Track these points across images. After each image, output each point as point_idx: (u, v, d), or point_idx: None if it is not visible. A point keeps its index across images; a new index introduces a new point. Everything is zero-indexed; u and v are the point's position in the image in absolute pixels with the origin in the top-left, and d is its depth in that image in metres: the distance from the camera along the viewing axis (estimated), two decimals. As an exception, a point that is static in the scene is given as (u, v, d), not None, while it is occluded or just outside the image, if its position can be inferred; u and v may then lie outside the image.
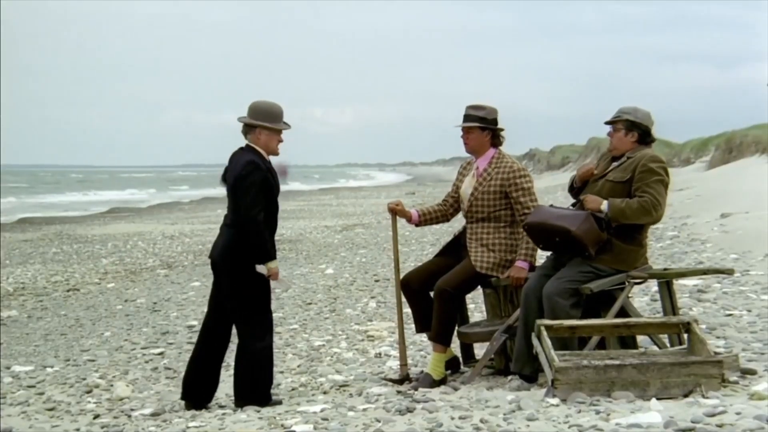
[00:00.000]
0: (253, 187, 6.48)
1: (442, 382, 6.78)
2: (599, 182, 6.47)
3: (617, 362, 5.52)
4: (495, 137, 6.98)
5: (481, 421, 5.12)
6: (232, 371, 7.32)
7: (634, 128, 6.40)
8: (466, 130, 6.98)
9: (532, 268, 6.76)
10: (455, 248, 7.07)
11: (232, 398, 6.88)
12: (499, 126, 7.00)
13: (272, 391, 6.95)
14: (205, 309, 6.88)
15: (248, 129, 6.68)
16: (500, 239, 6.84)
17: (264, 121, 6.63)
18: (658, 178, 6.27)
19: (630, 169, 6.32)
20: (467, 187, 7.02)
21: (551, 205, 6.76)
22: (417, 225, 7.34)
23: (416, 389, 6.55)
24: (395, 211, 7.19)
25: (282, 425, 5.61)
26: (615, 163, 6.47)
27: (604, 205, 6.26)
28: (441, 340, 6.85)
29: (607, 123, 6.53)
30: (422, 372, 7.11)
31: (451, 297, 6.81)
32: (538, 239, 6.52)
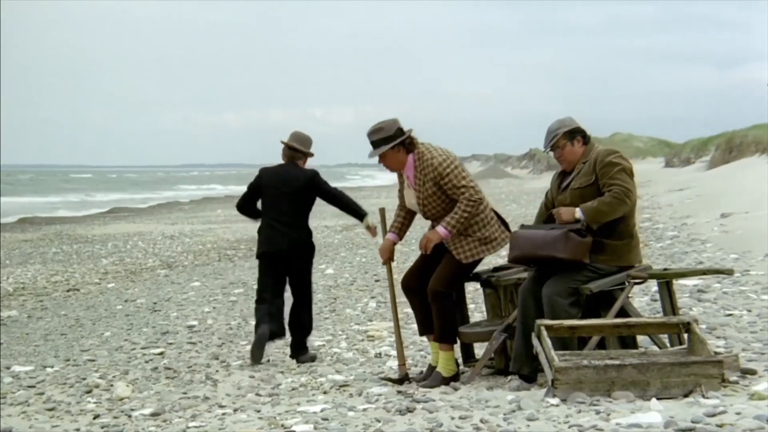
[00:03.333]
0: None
1: (454, 378, 6.77)
2: (565, 193, 6.46)
3: (617, 362, 5.52)
4: (407, 146, 6.86)
5: (481, 421, 5.13)
6: (231, 371, 7.81)
7: (575, 134, 6.43)
8: (381, 159, 6.90)
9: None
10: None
11: (237, 395, 6.98)
12: (404, 134, 6.83)
13: (272, 391, 7.11)
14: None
15: (300, 155, 8.44)
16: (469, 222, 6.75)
17: (310, 150, 8.53)
18: (620, 167, 6.30)
19: (590, 171, 6.34)
20: (410, 199, 6.96)
21: (522, 226, 6.68)
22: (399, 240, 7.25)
23: (426, 387, 6.56)
24: (390, 260, 7.15)
25: (282, 425, 5.61)
26: (569, 176, 6.47)
27: (578, 213, 6.27)
28: (446, 339, 6.84)
29: (550, 149, 6.49)
30: (421, 372, 7.11)
31: (445, 296, 6.79)
32: (528, 265, 6.52)
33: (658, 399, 5.22)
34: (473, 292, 9.34)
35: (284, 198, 8.31)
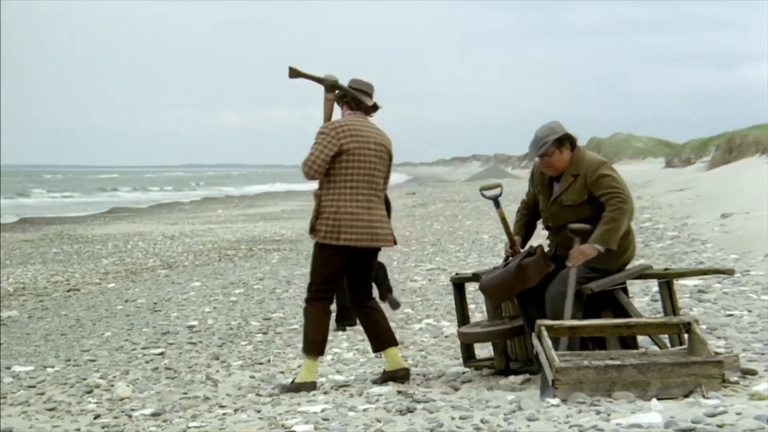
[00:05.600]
0: None
1: (306, 387, 6.76)
2: (555, 207, 6.46)
3: (618, 362, 5.52)
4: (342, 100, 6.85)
5: (482, 421, 5.13)
6: (232, 371, 7.90)
7: (564, 141, 6.41)
8: None
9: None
10: None
11: (237, 395, 7.04)
12: (347, 91, 6.79)
13: (273, 391, 7.10)
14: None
15: None
16: (323, 204, 6.76)
17: None
18: (611, 176, 6.33)
19: (582, 187, 6.34)
20: None
21: (487, 271, 6.75)
22: None
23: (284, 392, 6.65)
24: None
25: (282, 425, 5.61)
26: (557, 184, 6.46)
27: (598, 247, 6.24)
28: (308, 349, 6.90)
29: (540, 156, 6.42)
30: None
31: (309, 299, 6.90)
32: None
33: (658, 399, 5.22)
34: (473, 292, 9.33)
35: None
